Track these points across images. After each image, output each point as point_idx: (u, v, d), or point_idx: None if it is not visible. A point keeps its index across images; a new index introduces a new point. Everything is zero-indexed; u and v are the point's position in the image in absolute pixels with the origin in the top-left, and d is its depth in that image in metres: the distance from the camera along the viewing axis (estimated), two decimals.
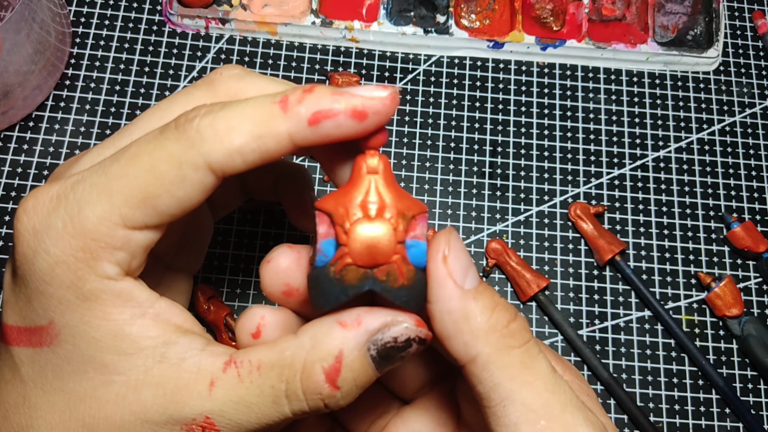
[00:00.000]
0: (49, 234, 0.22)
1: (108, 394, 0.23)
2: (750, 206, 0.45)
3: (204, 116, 0.22)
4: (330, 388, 0.22)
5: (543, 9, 0.49)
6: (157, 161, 0.22)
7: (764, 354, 0.40)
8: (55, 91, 0.45)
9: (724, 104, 0.48)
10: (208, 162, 0.22)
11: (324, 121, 0.22)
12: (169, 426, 0.22)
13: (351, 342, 0.22)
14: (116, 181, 0.22)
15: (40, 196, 0.23)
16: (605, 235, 0.43)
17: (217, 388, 0.22)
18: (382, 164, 0.23)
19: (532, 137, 0.46)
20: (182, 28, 0.47)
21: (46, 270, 0.22)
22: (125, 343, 0.22)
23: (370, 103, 0.22)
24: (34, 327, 0.23)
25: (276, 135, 0.22)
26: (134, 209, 0.22)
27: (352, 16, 0.47)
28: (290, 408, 0.22)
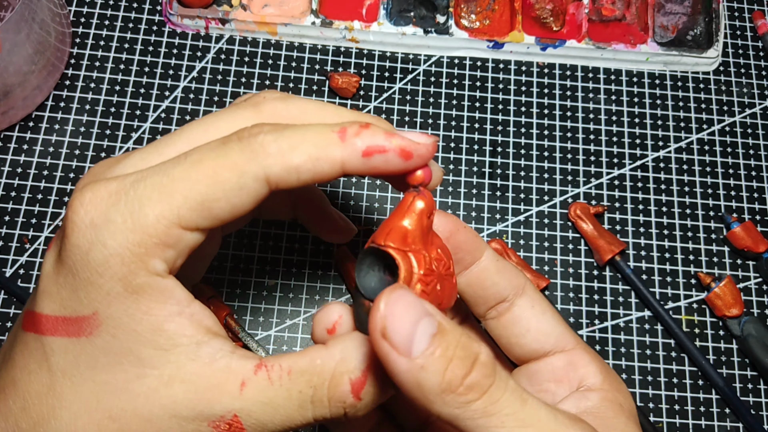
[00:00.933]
0: (107, 227, 0.23)
1: (140, 387, 0.23)
2: (750, 206, 0.45)
3: (268, 133, 0.24)
4: (354, 399, 0.24)
5: (543, 9, 0.49)
6: (220, 168, 0.23)
7: (764, 354, 0.40)
8: (55, 91, 0.45)
9: (724, 104, 0.48)
10: (267, 174, 0.24)
11: (376, 155, 0.24)
12: (197, 422, 0.23)
13: None
14: (178, 183, 0.23)
15: (98, 190, 0.24)
16: (605, 235, 0.43)
17: (248, 388, 0.23)
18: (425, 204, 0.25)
19: (532, 137, 0.46)
20: (182, 29, 0.47)
21: (101, 261, 0.23)
22: (163, 338, 0.24)
23: (416, 146, 0.25)
24: (76, 317, 0.24)
25: (331, 160, 0.24)
26: (191, 212, 0.23)
27: (352, 17, 0.47)
28: (313, 413, 0.24)
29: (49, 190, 0.42)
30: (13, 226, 0.41)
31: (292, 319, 0.41)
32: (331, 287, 0.41)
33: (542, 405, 0.22)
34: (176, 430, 0.23)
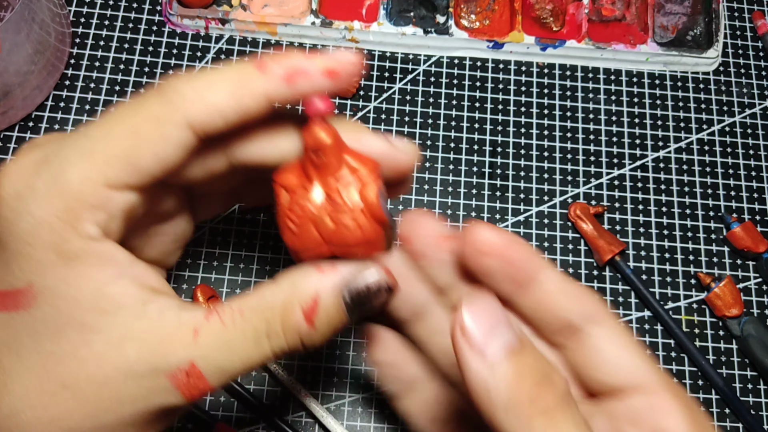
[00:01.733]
0: (32, 196, 0.22)
1: (89, 353, 0.23)
2: (750, 206, 0.45)
3: (182, 78, 0.23)
4: (308, 327, 0.23)
5: (543, 9, 0.49)
6: (138, 121, 0.23)
7: (764, 354, 0.40)
8: (55, 91, 0.45)
9: (724, 104, 0.48)
10: (188, 119, 0.23)
11: (299, 78, 0.23)
12: (153, 377, 0.23)
13: (327, 285, 0.23)
14: (99, 142, 0.23)
15: (22, 161, 0.24)
16: (605, 236, 0.43)
17: (202, 334, 0.23)
18: (330, 137, 0.23)
19: (532, 137, 0.46)
20: (182, 29, 0.47)
21: (29, 231, 0.22)
22: (105, 302, 0.23)
23: (340, 63, 0.24)
24: (11, 290, 0.23)
25: (253, 92, 0.23)
26: (116, 169, 0.23)
27: (352, 17, 0.47)
28: (270, 346, 0.24)
29: None
30: None
31: None
32: None
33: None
34: (133, 389, 0.23)
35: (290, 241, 0.24)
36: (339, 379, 0.39)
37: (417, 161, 0.27)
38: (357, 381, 0.40)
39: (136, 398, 0.23)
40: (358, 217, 0.23)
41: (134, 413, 0.23)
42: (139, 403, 0.23)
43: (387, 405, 0.39)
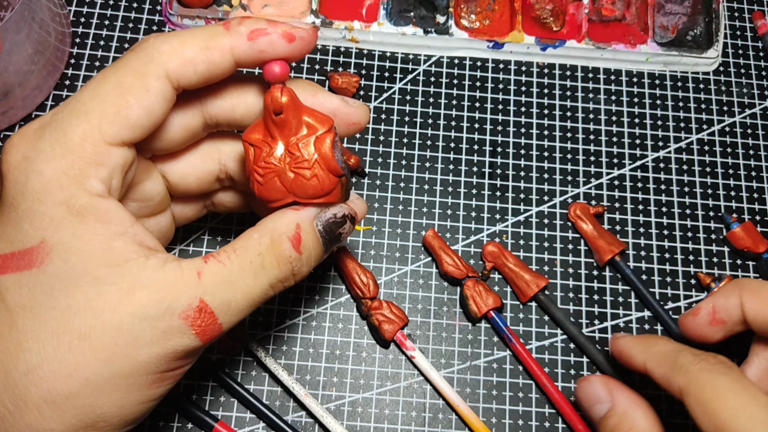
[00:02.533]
0: (39, 157, 0.24)
1: (103, 303, 0.24)
2: (750, 207, 0.45)
3: (157, 37, 0.26)
4: (297, 253, 0.27)
5: (543, 9, 0.49)
6: (122, 77, 0.25)
7: None
8: (55, 91, 0.45)
9: (724, 105, 0.48)
10: (166, 71, 0.25)
11: (260, 37, 0.26)
12: (167, 318, 0.24)
13: (304, 218, 0.28)
14: (90, 101, 0.25)
15: (24, 131, 0.25)
16: (605, 236, 0.43)
17: (204, 274, 0.25)
18: (287, 98, 0.26)
19: (532, 137, 0.46)
20: (182, 29, 0.47)
21: (40, 188, 0.24)
22: (113, 255, 0.24)
23: (297, 29, 0.27)
24: (24, 249, 0.24)
25: (220, 48, 0.26)
26: (110, 124, 0.25)
27: (352, 17, 0.47)
28: (267, 277, 0.27)
29: None
30: None
31: (291, 319, 0.41)
32: (331, 287, 0.41)
33: None
34: (148, 331, 0.24)
35: (258, 191, 0.28)
36: (339, 379, 0.39)
37: (368, 118, 0.31)
38: (357, 381, 0.40)
39: (152, 341, 0.24)
40: (314, 168, 0.27)
41: (150, 358, 0.24)
42: (155, 347, 0.24)
43: (387, 405, 0.39)
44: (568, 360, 0.41)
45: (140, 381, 0.25)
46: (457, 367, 0.40)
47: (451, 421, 0.39)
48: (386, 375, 0.40)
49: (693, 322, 0.34)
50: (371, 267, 0.42)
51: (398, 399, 0.39)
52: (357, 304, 0.41)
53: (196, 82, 0.26)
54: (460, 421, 0.39)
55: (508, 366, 0.40)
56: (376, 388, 0.39)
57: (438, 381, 0.39)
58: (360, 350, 0.40)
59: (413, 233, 0.43)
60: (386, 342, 0.40)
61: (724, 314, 0.32)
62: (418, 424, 0.39)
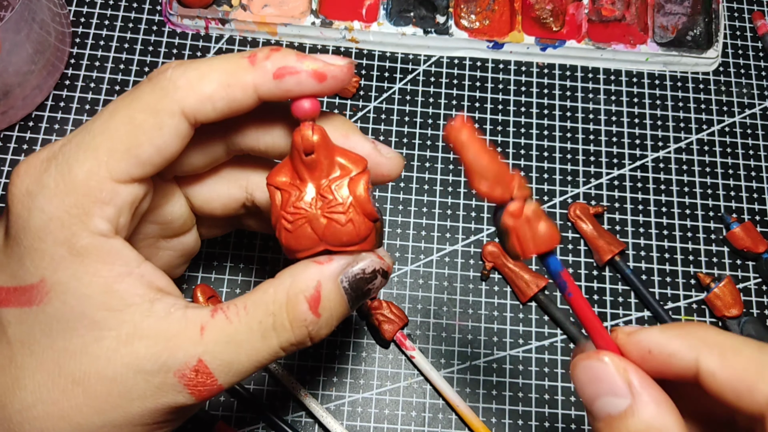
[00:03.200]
0: (43, 193, 0.23)
1: (99, 349, 0.23)
2: (749, 207, 0.45)
3: (176, 68, 0.24)
4: (313, 316, 0.24)
5: (543, 9, 0.49)
6: (134, 112, 0.24)
7: None
8: (55, 91, 0.45)
9: (724, 105, 0.48)
10: (182, 108, 0.23)
11: (287, 76, 0.24)
12: (162, 374, 0.23)
13: (327, 274, 0.24)
14: (99, 136, 0.23)
15: (31, 160, 0.24)
16: (605, 236, 0.43)
17: (208, 331, 0.24)
18: (318, 137, 0.24)
19: (532, 138, 0.46)
20: (182, 29, 0.47)
21: (41, 227, 0.23)
22: (114, 299, 0.23)
23: (330, 67, 0.24)
24: (25, 286, 0.23)
25: (243, 85, 0.24)
26: (119, 161, 0.23)
27: (352, 17, 0.47)
28: (278, 341, 0.24)
29: None
30: None
31: None
32: None
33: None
34: (142, 385, 0.23)
35: (286, 240, 0.25)
36: (339, 379, 0.39)
37: (400, 171, 0.27)
38: (357, 381, 0.40)
39: (145, 395, 0.23)
40: (349, 212, 0.24)
41: (143, 411, 0.24)
42: (148, 401, 0.23)
43: (387, 405, 0.39)
44: (568, 360, 0.41)
45: (133, 431, 0.24)
46: (457, 367, 0.40)
47: (451, 421, 0.39)
48: (386, 375, 0.40)
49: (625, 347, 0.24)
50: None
51: (398, 399, 0.39)
52: None
53: (214, 118, 0.24)
54: (460, 421, 0.39)
55: (508, 366, 0.40)
56: (376, 388, 0.39)
57: (438, 381, 0.39)
58: (360, 350, 0.40)
59: (413, 233, 0.43)
60: (386, 342, 0.40)
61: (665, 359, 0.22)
62: (418, 424, 0.39)
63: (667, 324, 0.22)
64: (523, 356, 0.41)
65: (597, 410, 0.22)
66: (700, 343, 0.21)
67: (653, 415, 0.21)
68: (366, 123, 0.45)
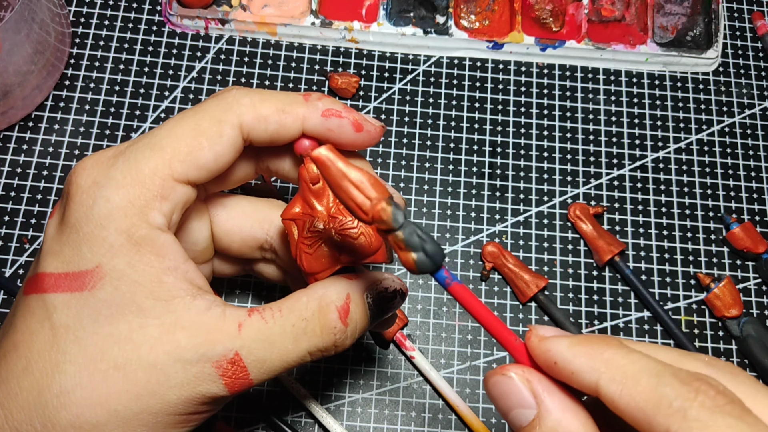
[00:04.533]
0: (109, 184, 0.25)
1: (143, 336, 0.25)
2: (749, 207, 0.45)
3: (240, 90, 0.27)
4: (342, 324, 0.26)
5: (542, 10, 0.49)
6: (200, 120, 0.26)
7: (763, 355, 0.40)
8: (55, 91, 0.45)
9: (724, 105, 0.48)
10: (241, 122, 0.26)
11: (333, 117, 0.27)
12: (201, 364, 0.25)
13: (355, 288, 0.27)
14: (166, 139, 0.26)
15: (97, 157, 0.26)
16: (604, 236, 0.43)
17: (245, 328, 0.25)
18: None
19: (532, 138, 0.46)
20: (182, 29, 0.47)
21: (105, 214, 0.24)
22: (163, 289, 0.25)
23: (367, 123, 0.28)
24: (79, 271, 0.25)
25: (295, 114, 0.27)
26: (181, 162, 0.25)
27: (352, 17, 0.47)
28: (308, 345, 0.26)
29: (48, 191, 0.42)
30: (13, 226, 0.41)
31: None
32: None
33: None
34: (181, 374, 0.25)
35: (308, 264, 0.27)
36: (339, 379, 0.39)
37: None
38: (357, 381, 0.40)
39: (183, 384, 0.25)
40: (359, 227, 0.27)
41: (178, 399, 0.25)
42: (185, 389, 0.25)
43: (386, 405, 0.39)
44: None
45: (166, 420, 0.25)
46: (457, 367, 0.40)
47: (451, 422, 0.39)
48: (386, 375, 0.40)
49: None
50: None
51: (398, 399, 0.39)
52: None
53: (264, 140, 0.27)
54: (460, 421, 0.39)
55: None
56: (376, 388, 0.39)
57: (438, 381, 0.39)
58: (359, 350, 0.40)
59: None
60: (386, 342, 0.40)
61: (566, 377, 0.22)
62: (418, 425, 0.39)
63: (577, 337, 0.22)
64: None
65: (511, 422, 0.23)
66: (603, 366, 0.21)
67: (558, 420, 0.22)
68: None
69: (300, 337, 0.26)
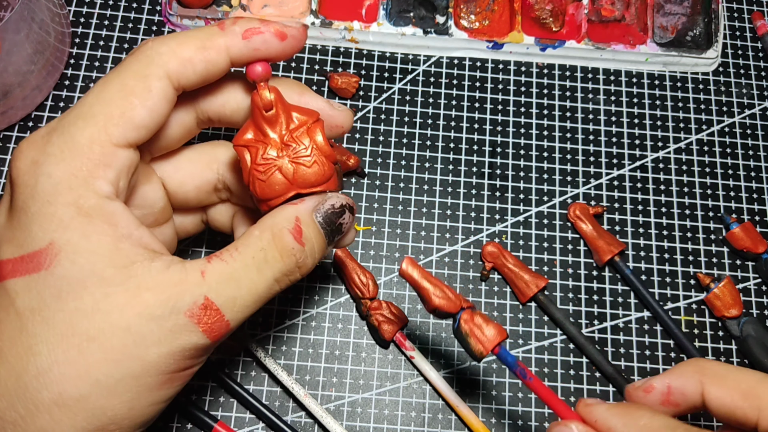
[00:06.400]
0: (48, 161, 0.25)
1: (110, 304, 0.24)
2: (749, 207, 0.45)
3: (155, 40, 0.27)
4: (299, 245, 0.27)
5: (542, 10, 0.49)
6: (125, 80, 0.26)
7: (763, 355, 0.40)
8: (55, 91, 0.45)
9: (724, 105, 0.48)
10: (167, 72, 0.26)
11: (254, 36, 0.27)
12: (173, 317, 0.25)
13: (302, 211, 0.28)
14: (96, 106, 0.25)
15: (31, 137, 0.26)
16: (604, 236, 0.43)
17: (208, 273, 0.26)
18: (274, 95, 0.27)
19: (532, 138, 0.46)
20: (182, 29, 0.47)
21: (50, 190, 0.24)
22: (120, 257, 0.25)
23: (289, 28, 0.28)
24: (33, 252, 0.25)
25: (217, 47, 0.27)
26: (116, 126, 0.25)
27: (352, 17, 0.47)
28: (272, 272, 0.27)
29: None
30: None
31: (291, 319, 0.41)
32: (331, 287, 0.41)
33: None
34: (156, 331, 0.25)
35: (260, 190, 0.28)
36: (338, 379, 0.39)
37: (351, 123, 0.31)
38: (356, 381, 0.40)
39: (160, 341, 0.25)
40: (313, 156, 0.28)
41: (159, 357, 0.25)
42: (163, 346, 0.25)
43: (386, 405, 0.39)
44: (567, 360, 0.41)
45: (150, 381, 0.25)
46: (457, 367, 0.40)
47: (451, 422, 0.39)
48: (386, 375, 0.40)
49: (643, 399, 0.29)
50: (371, 267, 0.42)
51: (398, 399, 0.39)
52: (356, 304, 0.41)
53: (195, 82, 0.27)
54: (460, 421, 0.39)
55: None
56: (376, 388, 0.39)
57: (437, 381, 0.39)
58: (359, 350, 0.40)
59: (413, 233, 0.43)
60: (386, 342, 0.40)
61: (680, 397, 0.28)
62: (418, 425, 0.39)
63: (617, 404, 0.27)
64: (523, 356, 0.41)
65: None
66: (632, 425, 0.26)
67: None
68: (366, 123, 0.45)
69: (262, 266, 0.26)
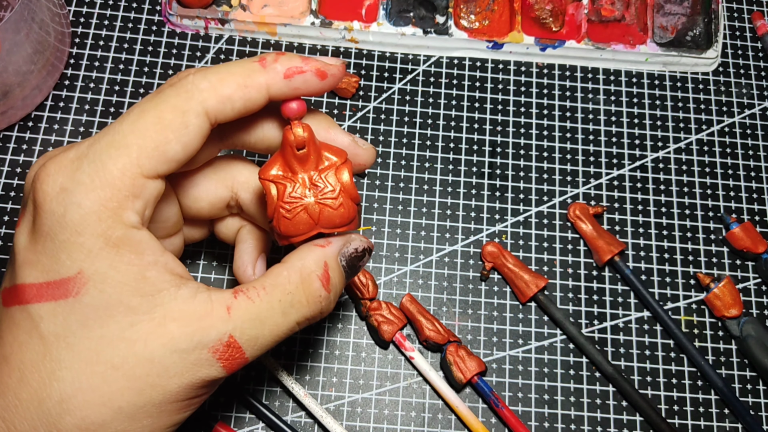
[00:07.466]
0: (78, 189, 0.25)
1: (136, 333, 0.25)
2: (749, 207, 0.45)
3: (196, 74, 0.27)
4: (326, 292, 0.28)
5: (542, 10, 0.49)
6: (162, 113, 0.26)
7: (763, 355, 0.40)
8: (55, 91, 0.45)
9: (723, 105, 0.48)
10: (205, 108, 0.26)
11: (296, 75, 0.27)
12: (197, 351, 0.25)
13: (330, 254, 0.28)
14: (130, 135, 0.25)
15: (59, 160, 0.26)
16: (604, 236, 0.43)
17: (234, 310, 0.26)
18: (307, 134, 0.27)
19: (532, 138, 0.46)
20: (181, 29, 0.47)
21: (78, 221, 0.24)
22: (147, 285, 0.25)
23: (328, 66, 0.28)
24: (60, 279, 0.25)
25: (257, 85, 0.27)
26: (149, 159, 0.25)
27: (352, 17, 0.47)
28: (296, 316, 0.27)
29: None
30: (13, 226, 0.41)
31: None
32: None
33: None
34: (179, 363, 0.25)
35: (284, 228, 0.28)
36: (338, 379, 0.39)
37: (373, 161, 0.31)
38: (356, 381, 0.40)
39: (182, 372, 0.25)
40: (339, 198, 0.28)
41: (179, 387, 0.25)
42: (185, 377, 0.25)
43: (386, 405, 0.39)
44: (567, 360, 0.41)
45: (169, 408, 0.26)
46: None
47: (450, 422, 0.39)
48: (385, 375, 0.40)
49: None
50: (371, 267, 0.42)
51: (397, 399, 0.39)
52: (356, 304, 0.41)
53: (231, 118, 0.27)
54: (459, 421, 0.39)
55: (508, 366, 0.40)
56: (376, 388, 0.39)
57: (437, 381, 0.39)
58: (359, 350, 0.40)
59: (413, 233, 0.43)
60: (385, 342, 0.40)
61: None
62: (417, 425, 0.39)
63: None
64: (523, 356, 0.41)
65: None
66: None
67: None
68: (366, 123, 0.45)
69: (288, 310, 0.27)
